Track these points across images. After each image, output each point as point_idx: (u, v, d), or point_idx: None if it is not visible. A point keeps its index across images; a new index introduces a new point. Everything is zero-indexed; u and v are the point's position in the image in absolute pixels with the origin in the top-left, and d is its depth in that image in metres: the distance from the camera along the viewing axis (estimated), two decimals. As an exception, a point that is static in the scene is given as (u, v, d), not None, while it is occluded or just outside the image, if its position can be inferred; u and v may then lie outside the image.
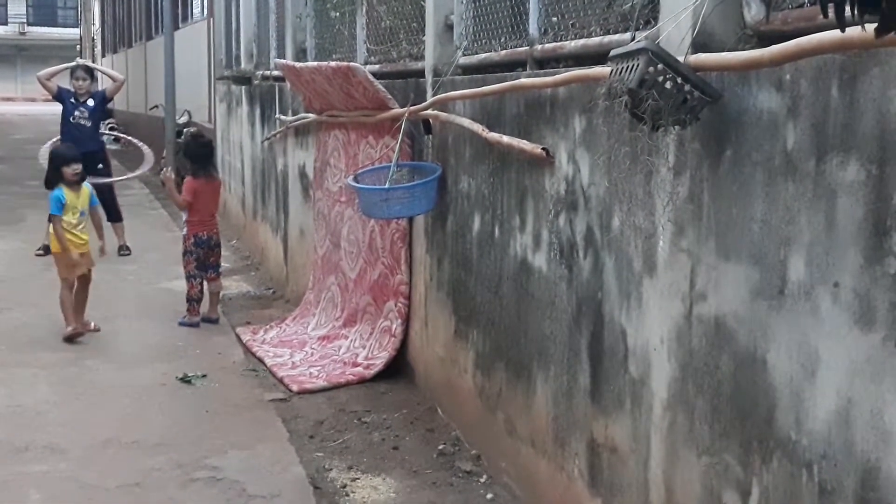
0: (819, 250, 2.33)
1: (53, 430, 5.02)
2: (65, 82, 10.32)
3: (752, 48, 2.59)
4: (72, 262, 6.69)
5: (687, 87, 2.64)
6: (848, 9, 1.38)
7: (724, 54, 2.67)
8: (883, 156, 2.13)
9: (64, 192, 6.74)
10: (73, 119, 9.93)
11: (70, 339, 6.63)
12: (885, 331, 2.13)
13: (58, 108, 10.31)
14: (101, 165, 9.93)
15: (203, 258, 7.33)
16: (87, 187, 6.92)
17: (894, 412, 2.11)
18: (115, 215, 10.03)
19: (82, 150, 9.50)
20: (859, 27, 1.47)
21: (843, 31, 1.56)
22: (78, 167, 6.83)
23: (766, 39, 2.56)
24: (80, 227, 6.81)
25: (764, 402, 2.55)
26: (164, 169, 8.45)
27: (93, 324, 6.93)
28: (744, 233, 2.63)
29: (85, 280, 6.88)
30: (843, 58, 2.24)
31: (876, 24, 1.36)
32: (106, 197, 10.00)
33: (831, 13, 1.42)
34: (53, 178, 6.83)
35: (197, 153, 7.57)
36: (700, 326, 2.85)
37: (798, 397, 2.41)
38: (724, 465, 2.73)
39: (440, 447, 4.85)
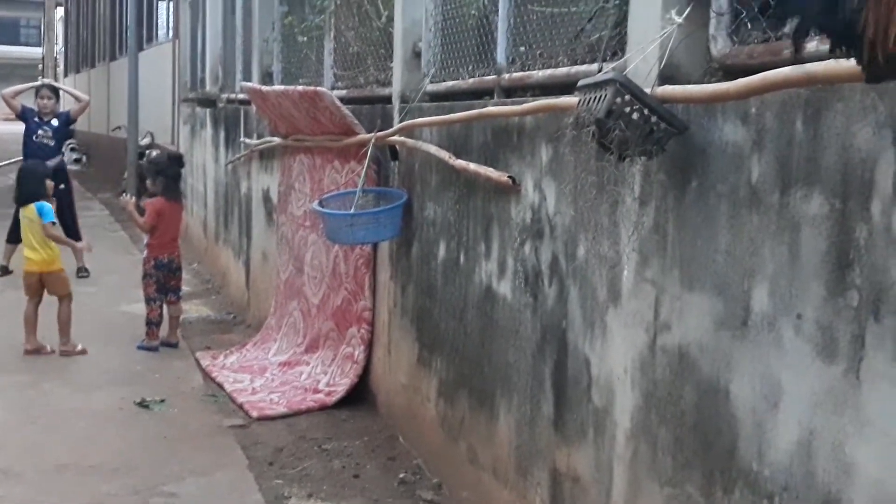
0: (782, 282, 2.35)
1: (9, 454, 4.93)
2: (29, 102, 10.24)
3: (718, 81, 2.63)
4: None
5: (653, 119, 2.66)
6: (830, 45, 1.41)
7: (690, 86, 2.70)
8: (846, 190, 2.15)
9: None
10: (37, 138, 9.85)
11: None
12: (846, 363, 2.15)
13: (19, 126, 10.22)
14: (62, 185, 9.83)
15: (163, 281, 7.25)
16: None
17: (855, 444, 2.12)
18: (74, 236, 9.92)
19: (44, 170, 9.48)
20: (823, 62, 1.49)
21: (797, 56, 1.58)
22: (52, 183, 7.23)
23: (731, 73, 2.59)
24: None
25: (727, 432, 2.56)
26: (124, 193, 8.41)
27: (48, 346, 6.86)
28: (708, 263, 2.64)
29: (68, 299, 6.99)
30: (808, 92, 2.27)
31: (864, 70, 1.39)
32: (66, 218, 9.92)
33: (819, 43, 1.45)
34: (37, 192, 6.97)
35: (176, 173, 7.50)
36: (664, 356, 2.86)
37: (760, 428, 2.42)
38: (687, 496, 2.73)
39: (401, 475, 4.81)
